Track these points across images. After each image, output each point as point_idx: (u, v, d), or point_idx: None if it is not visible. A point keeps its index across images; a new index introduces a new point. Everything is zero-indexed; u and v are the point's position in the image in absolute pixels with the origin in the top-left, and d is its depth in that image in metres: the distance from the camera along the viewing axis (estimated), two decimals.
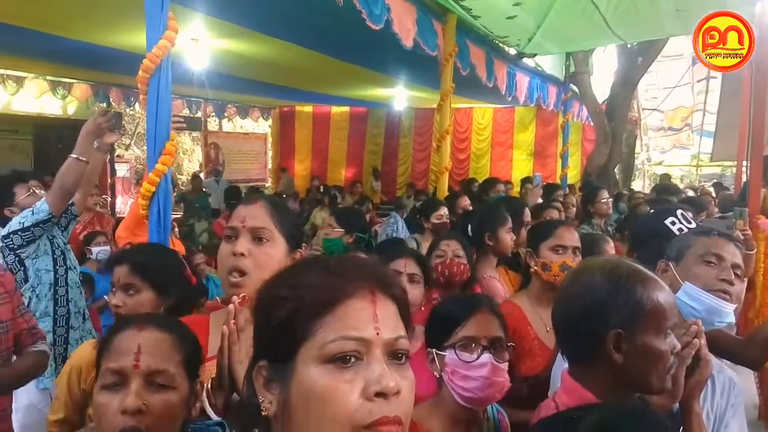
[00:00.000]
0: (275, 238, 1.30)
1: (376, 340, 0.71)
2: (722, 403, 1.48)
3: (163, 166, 2.19)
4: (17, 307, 1.89)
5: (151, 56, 2.16)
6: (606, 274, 1.17)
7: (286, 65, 7.25)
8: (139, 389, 1.05)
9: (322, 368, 0.70)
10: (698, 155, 15.74)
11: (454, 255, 2.42)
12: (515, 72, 7.03)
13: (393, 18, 3.87)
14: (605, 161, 8.33)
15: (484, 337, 1.43)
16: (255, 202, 1.34)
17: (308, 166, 14.01)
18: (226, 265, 1.28)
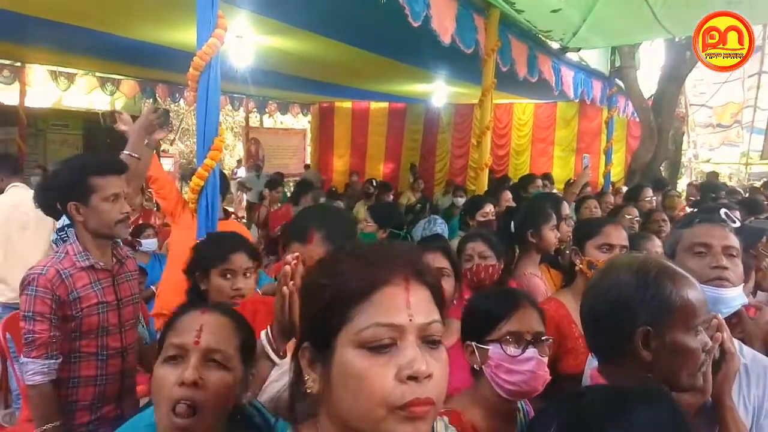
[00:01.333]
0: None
1: (409, 326, 0.76)
2: (759, 392, 1.43)
3: (212, 161, 2.25)
4: None
5: (201, 54, 2.22)
6: (634, 270, 1.15)
7: (327, 61, 7.30)
8: (198, 364, 1.11)
9: (358, 352, 0.75)
10: (748, 153, 15.14)
11: (480, 257, 2.39)
12: (560, 66, 6.91)
13: (432, 15, 3.85)
14: (650, 158, 8.11)
15: (528, 332, 1.44)
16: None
17: (347, 161, 14.09)
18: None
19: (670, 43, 8.15)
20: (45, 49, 7.22)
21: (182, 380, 1.09)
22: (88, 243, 2.00)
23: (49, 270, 1.91)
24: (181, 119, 17.71)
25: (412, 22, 3.61)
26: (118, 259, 2.11)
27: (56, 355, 1.90)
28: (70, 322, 1.93)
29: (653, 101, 8.35)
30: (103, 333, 1.99)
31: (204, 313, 1.19)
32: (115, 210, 1.98)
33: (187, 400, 1.09)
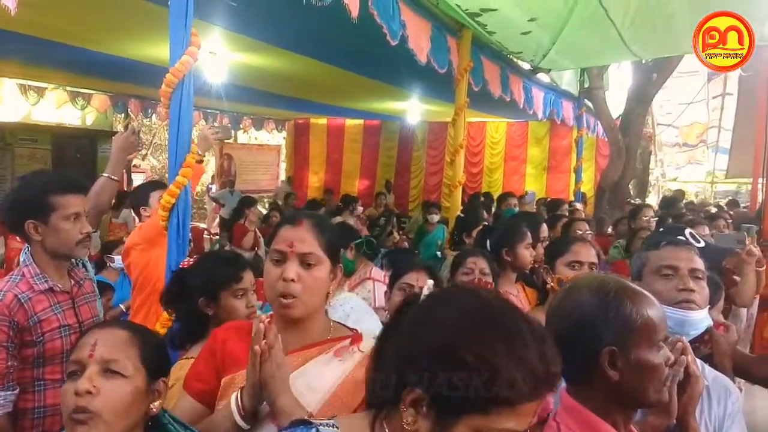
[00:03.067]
0: (322, 261, 1.35)
1: None
2: (719, 412, 1.47)
3: (184, 178, 2.23)
4: None
5: (174, 71, 2.21)
6: (593, 290, 1.17)
7: (302, 78, 7.33)
8: (92, 374, 1.16)
9: None
10: (713, 172, 15.62)
11: (481, 273, 2.43)
12: (531, 87, 7.06)
13: (408, 34, 3.92)
14: (619, 177, 8.30)
15: None
16: (300, 224, 1.36)
17: (322, 177, 14.09)
18: (275, 289, 1.33)
19: (637, 65, 8.39)
20: (14, 62, 7.09)
21: (76, 390, 1.14)
22: (44, 264, 1.93)
23: (6, 295, 1.83)
24: (154, 134, 17.50)
25: (391, 40, 3.66)
26: (76, 281, 2.04)
27: (13, 386, 1.81)
28: (30, 348, 1.85)
29: (621, 121, 8.56)
30: (68, 358, 1.90)
31: (101, 329, 1.26)
32: (76, 230, 1.91)
33: (82, 408, 1.13)
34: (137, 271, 2.76)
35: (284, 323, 1.35)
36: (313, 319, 1.38)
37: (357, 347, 1.35)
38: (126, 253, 2.79)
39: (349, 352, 1.35)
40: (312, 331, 1.38)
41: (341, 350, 1.35)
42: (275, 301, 1.33)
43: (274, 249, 1.35)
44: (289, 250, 1.33)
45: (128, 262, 2.77)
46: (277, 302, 1.32)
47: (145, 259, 2.69)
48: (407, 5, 3.99)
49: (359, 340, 1.37)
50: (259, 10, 4.31)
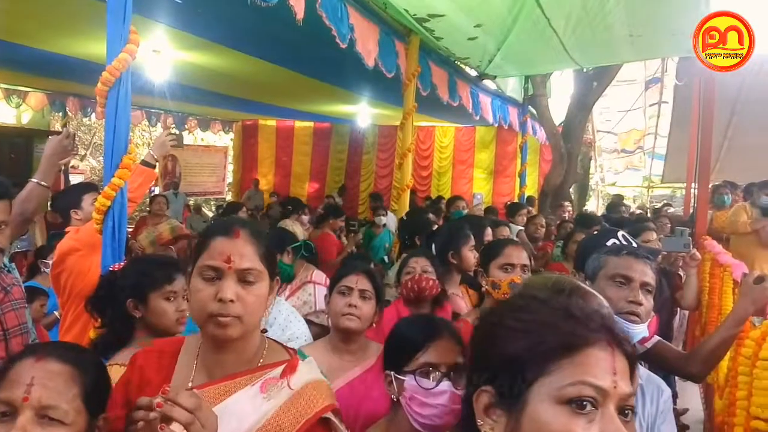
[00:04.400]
0: (262, 276, 1.21)
1: (613, 393, 0.73)
2: (652, 410, 1.52)
3: (120, 180, 2.16)
4: None
5: (111, 69, 2.14)
6: (548, 290, 1.18)
7: (250, 79, 7.23)
8: (25, 424, 1.00)
9: (557, 408, 0.73)
10: (650, 177, 16.35)
11: (423, 271, 2.45)
12: (478, 92, 7.20)
13: (356, 38, 3.93)
14: (561, 181, 8.57)
15: (444, 364, 1.41)
16: (237, 234, 1.20)
17: (271, 180, 13.92)
18: (207, 310, 1.15)
19: (579, 74, 8.69)
20: None
21: None
22: None
23: None
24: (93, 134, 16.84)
25: (340, 43, 3.66)
26: (3, 287, 1.93)
27: None
28: None
29: (563, 128, 8.84)
30: None
31: (38, 362, 1.07)
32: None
33: None
34: (74, 279, 2.52)
35: (214, 345, 1.21)
36: (248, 340, 1.23)
37: (287, 381, 1.20)
38: (60, 260, 2.51)
39: (277, 386, 1.19)
40: (244, 354, 1.23)
41: (269, 383, 1.19)
42: (208, 321, 1.16)
43: (207, 264, 1.17)
44: (226, 267, 1.16)
45: (61, 270, 2.49)
46: (211, 322, 1.15)
47: (86, 266, 2.53)
48: (355, 9, 4.00)
49: (292, 371, 1.22)
50: (205, 7, 4.23)
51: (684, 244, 3.07)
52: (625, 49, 6.18)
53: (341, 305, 1.92)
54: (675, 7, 4.88)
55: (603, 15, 4.88)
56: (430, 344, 1.43)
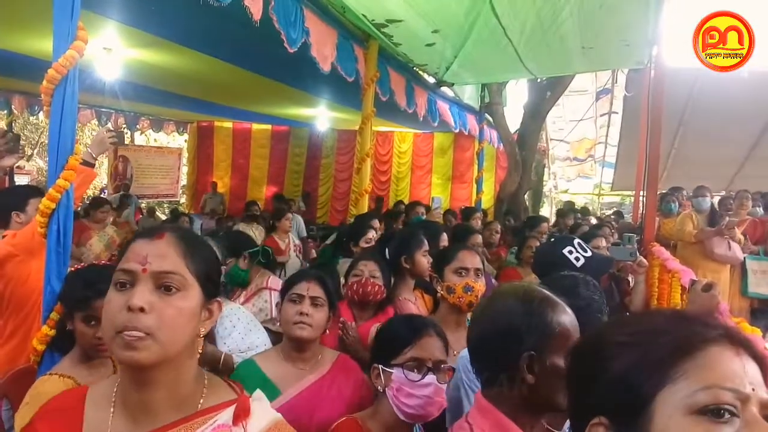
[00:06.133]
0: (187, 286, 0.99)
1: (752, 396, 0.64)
2: None
3: (65, 181, 2.06)
4: None
5: (57, 66, 2.04)
6: (520, 298, 1.23)
7: (205, 79, 7.07)
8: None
9: (692, 419, 0.64)
10: (600, 185, 16.87)
11: (371, 275, 2.45)
12: (435, 99, 7.26)
13: (312, 42, 3.89)
14: (516, 188, 8.73)
15: (430, 359, 1.53)
16: (160, 237, 1.01)
17: (227, 183, 13.67)
18: (114, 323, 0.92)
19: (533, 83, 8.89)
20: None
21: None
22: None
23: None
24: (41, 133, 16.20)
25: (288, 48, 3.61)
26: None
27: None
28: None
29: (518, 136, 9.02)
30: None
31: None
32: None
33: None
34: (13, 286, 2.43)
35: (131, 378, 0.96)
36: (177, 372, 0.97)
37: (244, 429, 0.97)
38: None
39: None
40: (176, 393, 0.98)
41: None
42: (113, 340, 0.92)
43: (120, 269, 0.98)
44: (140, 269, 0.95)
45: None
46: (117, 341, 0.92)
47: (25, 272, 2.42)
48: (313, 12, 3.96)
49: (246, 414, 0.98)
50: (159, 4, 4.12)
51: (630, 253, 3.16)
52: (578, 60, 6.36)
53: (292, 314, 1.89)
54: (625, 21, 5.05)
55: (557, 26, 5.01)
56: (418, 340, 1.55)
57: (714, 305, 2.06)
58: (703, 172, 8.78)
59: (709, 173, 9.11)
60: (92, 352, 1.74)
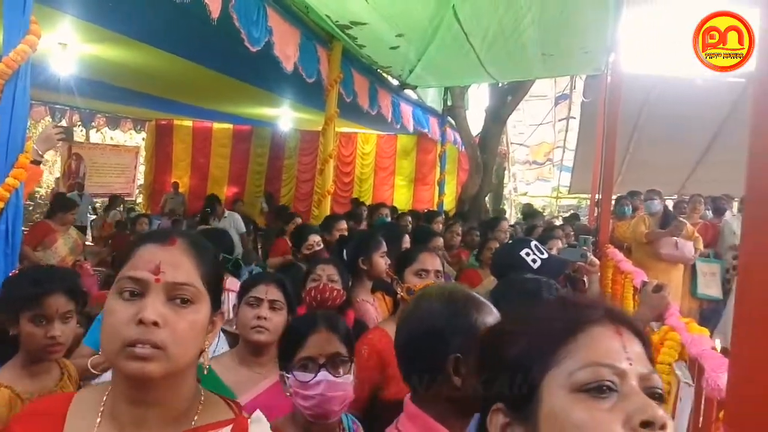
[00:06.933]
0: (201, 298, 0.93)
1: (630, 371, 0.67)
2: None
3: (15, 180, 2.00)
4: None
5: (8, 61, 1.99)
6: (444, 300, 1.21)
7: (164, 76, 6.93)
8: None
9: (574, 397, 0.66)
10: (558, 188, 17.27)
11: (329, 279, 2.42)
12: (399, 102, 7.31)
13: (275, 41, 3.87)
14: (477, 190, 8.86)
15: (321, 355, 1.49)
16: (172, 242, 0.94)
17: (186, 183, 13.39)
18: (122, 336, 0.86)
19: (494, 88, 9.03)
20: None
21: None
22: None
23: None
24: None
25: (250, 47, 3.58)
26: None
27: None
28: None
29: (480, 139, 9.15)
30: None
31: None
32: None
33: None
34: None
35: (130, 392, 0.90)
36: (177, 387, 0.93)
37: None
38: None
39: None
40: (172, 408, 0.93)
41: None
42: (119, 353, 0.86)
43: (128, 276, 0.90)
44: (153, 278, 0.89)
45: None
46: (125, 354, 0.86)
47: None
48: (276, 11, 3.94)
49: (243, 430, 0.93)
50: (116, 0, 4.02)
51: (581, 255, 3.26)
52: (538, 67, 6.50)
53: (250, 317, 1.86)
54: (584, 30, 5.19)
55: (518, 34, 5.11)
56: (307, 339, 1.51)
57: (664, 305, 2.12)
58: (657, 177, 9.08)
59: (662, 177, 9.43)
60: (42, 355, 1.68)
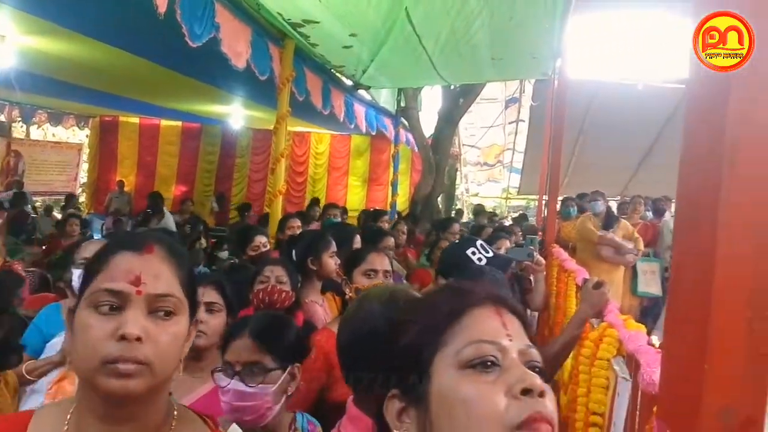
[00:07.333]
0: (182, 308, 0.89)
1: (511, 347, 0.72)
2: None
3: None
4: None
5: None
6: (384, 301, 1.22)
7: (109, 70, 6.69)
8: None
9: (461, 374, 0.70)
10: (508, 189, 17.68)
11: (278, 281, 2.38)
12: (353, 102, 7.30)
13: (222, 38, 3.80)
14: (430, 191, 8.96)
15: (237, 362, 1.46)
16: (150, 250, 0.88)
17: (132, 181, 12.97)
18: (101, 353, 0.80)
19: (447, 90, 9.16)
20: None
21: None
22: None
23: None
24: None
25: (190, 42, 3.51)
26: None
27: None
28: None
29: (432, 140, 9.26)
30: None
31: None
32: None
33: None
34: None
35: (105, 410, 0.84)
36: (154, 403, 0.88)
37: None
38: None
39: None
40: (146, 426, 0.88)
41: None
42: (98, 371, 0.80)
43: (105, 288, 0.83)
44: (134, 290, 0.83)
45: None
46: (105, 371, 0.80)
47: None
48: (225, 7, 3.87)
49: None
50: None
51: (528, 254, 3.34)
52: (488, 70, 6.62)
53: None
54: (532, 35, 5.32)
55: (469, 37, 5.19)
56: (230, 343, 1.50)
57: (603, 301, 2.20)
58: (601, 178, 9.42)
59: (606, 179, 9.78)
60: None
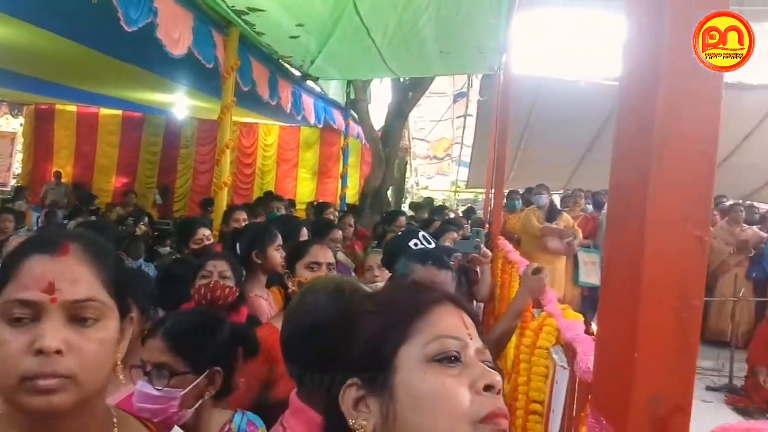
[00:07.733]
0: (107, 312, 0.80)
1: (471, 345, 0.76)
2: None
3: None
4: None
5: None
6: (329, 293, 1.20)
7: (44, 56, 6.35)
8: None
9: (427, 367, 0.73)
10: (456, 182, 17.94)
11: (221, 276, 2.32)
12: (301, 93, 7.20)
13: (159, 23, 3.66)
14: (380, 183, 8.98)
15: (148, 362, 1.44)
16: (64, 250, 0.79)
17: (70, 172, 12.40)
18: (17, 369, 0.73)
19: (396, 83, 9.18)
20: None
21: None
22: None
23: None
24: None
25: (126, 26, 3.38)
26: None
27: None
28: None
29: (382, 133, 9.27)
30: None
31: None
32: None
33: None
34: None
35: (30, 424, 0.77)
36: (87, 415, 0.81)
37: None
38: None
39: None
40: None
41: None
42: (17, 389, 0.73)
43: (16, 299, 0.75)
44: (47, 299, 0.75)
45: None
46: (24, 388, 0.73)
47: None
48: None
49: None
50: None
51: (474, 246, 3.39)
52: (436, 64, 6.67)
53: None
54: (478, 30, 5.39)
55: (416, 30, 5.21)
56: (147, 341, 1.48)
57: (542, 286, 2.27)
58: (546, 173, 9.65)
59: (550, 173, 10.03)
60: None
